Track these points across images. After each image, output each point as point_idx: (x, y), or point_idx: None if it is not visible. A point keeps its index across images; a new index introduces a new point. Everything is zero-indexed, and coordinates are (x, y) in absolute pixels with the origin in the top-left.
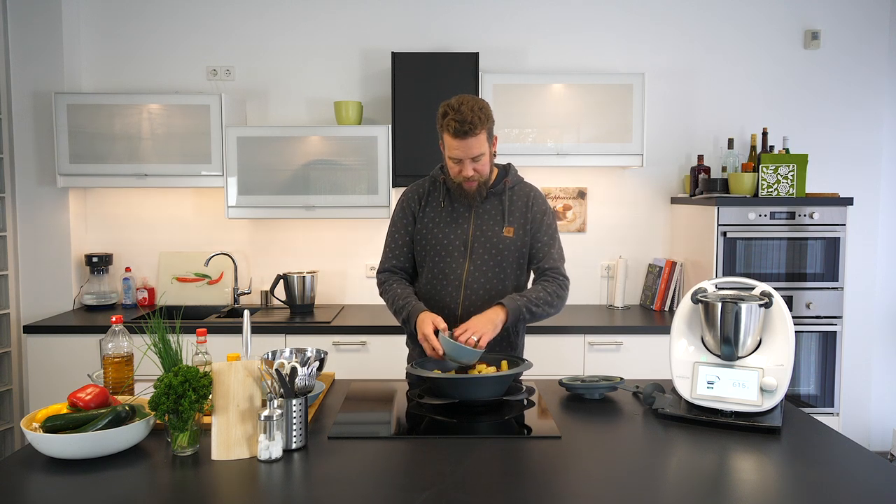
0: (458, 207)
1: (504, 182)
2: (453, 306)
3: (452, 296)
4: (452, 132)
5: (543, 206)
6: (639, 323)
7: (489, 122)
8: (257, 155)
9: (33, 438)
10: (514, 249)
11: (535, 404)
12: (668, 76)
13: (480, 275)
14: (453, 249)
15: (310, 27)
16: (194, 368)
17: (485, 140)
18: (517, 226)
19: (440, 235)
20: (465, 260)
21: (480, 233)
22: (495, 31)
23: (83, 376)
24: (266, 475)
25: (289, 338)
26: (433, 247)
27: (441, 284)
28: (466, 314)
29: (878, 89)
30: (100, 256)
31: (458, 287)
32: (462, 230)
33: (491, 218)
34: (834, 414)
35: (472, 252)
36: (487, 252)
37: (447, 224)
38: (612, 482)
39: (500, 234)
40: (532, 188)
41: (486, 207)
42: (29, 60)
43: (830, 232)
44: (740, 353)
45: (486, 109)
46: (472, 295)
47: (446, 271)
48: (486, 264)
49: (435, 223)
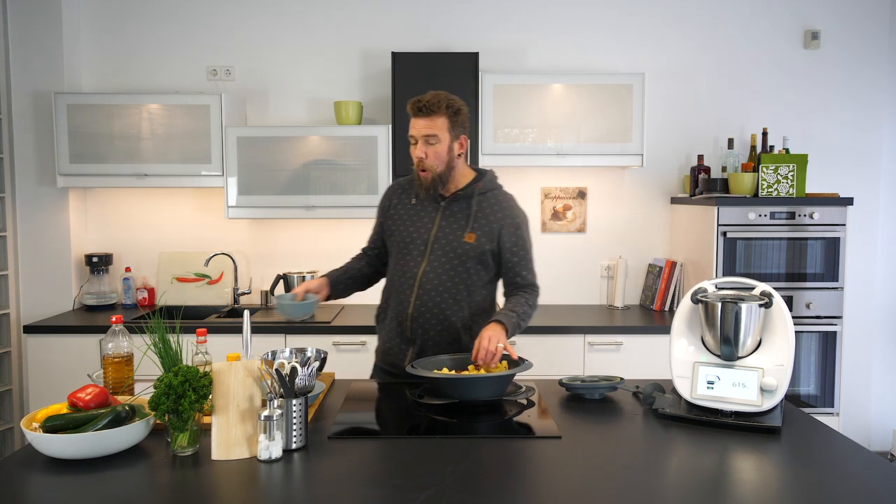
0: (426, 206)
1: (475, 187)
2: (406, 304)
3: (406, 293)
4: (412, 109)
5: (517, 219)
6: (639, 323)
7: (455, 114)
8: (257, 155)
9: (33, 438)
10: (474, 256)
11: (535, 404)
12: (668, 76)
13: (435, 276)
14: (413, 248)
15: (310, 27)
16: (194, 368)
17: (443, 127)
18: (481, 233)
19: (404, 233)
20: (424, 259)
21: (442, 234)
22: (495, 31)
23: (83, 376)
24: (266, 475)
25: (289, 338)
26: (396, 243)
27: (399, 281)
28: (417, 313)
29: (878, 89)
30: (100, 256)
31: (412, 285)
32: (426, 229)
33: (455, 221)
34: (834, 414)
35: (430, 252)
36: (446, 254)
37: (412, 221)
38: (612, 482)
39: (460, 239)
40: (507, 198)
41: (453, 210)
42: (29, 60)
43: (830, 232)
44: (740, 353)
45: (455, 103)
46: (423, 295)
47: (404, 269)
48: (442, 266)
49: (402, 219)
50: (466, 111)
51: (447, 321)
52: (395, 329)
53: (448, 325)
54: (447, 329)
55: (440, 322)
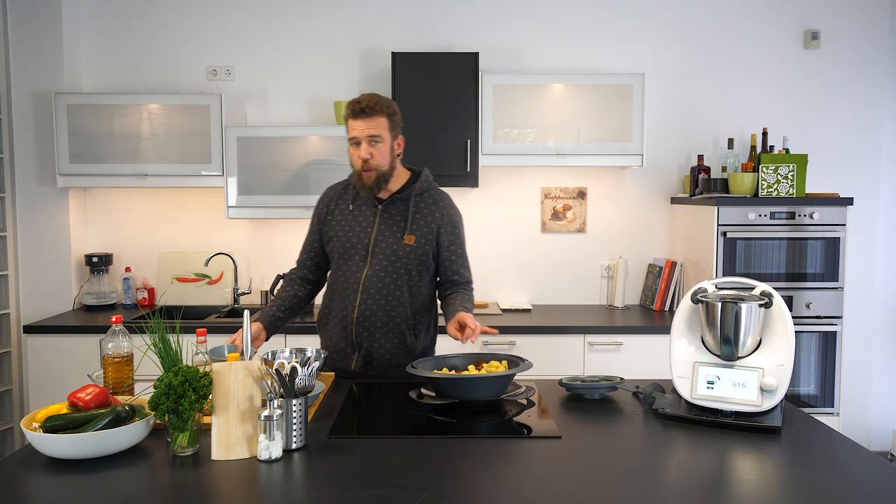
0: (364, 210)
1: (412, 188)
2: (350, 308)
3: (350, 299)
4: (351, 112)
5: (454, 218)
6: (639, 323)
7: (393, 115)
8: (257, 155)
9: (33, 438)
10: (415, 258)
11: (535, 404)
12: (668, 76)
13: (378, 280)
14: (354, 253)
15: (310, 27)
16: (194, 368)
17: (384, 126)
18: (419, 234)
19: (343, 238)
20: (366, 264)
21: (382, 238)
22: (495, 31)
23: (83, 376)
24: (266, 475)
25: (289, 338)
26: (336, 249)
27: (341, 287)
28: (361, 317)
29: (878, 89)
30: (100, 256)
31: (356, 290)
32: (365, 234)
33: (395, 224)
34: (834, 414)
35: (372, 256)
36: (387, 258)
37: (351, 227)
38: (612, 482)
39: (400, 241)
40: (443, 197)
41: (392, 212)
42: (29, 60)
43: (830, 232)
44: (740, 353)
45: (392, 105)
46: (368, 299)
47: (347, 274)
48: (384, 269)
49: (340, 225)
50: (400, 114)
51: (392, 323)
52: (339, 334)
53: (393, 326)
54: (392, 331)
55: (385, 325)
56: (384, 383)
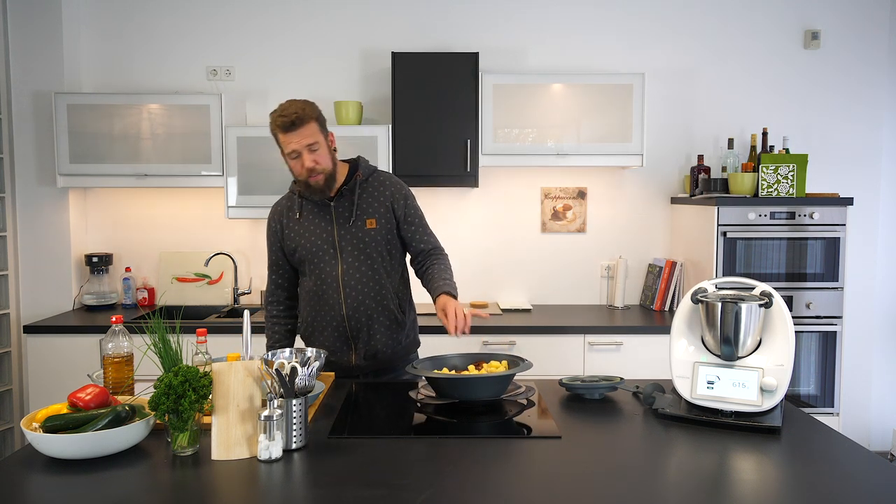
0: (317, 213)
1: (355, 177)
2: (338, 307)
3: (335, 298)
4: (281, 127)
5: (404, 191)
6: (639, 323)
7: (318, 115)
8: (257, 155)
9: (33, 438)
10: (381, 239)
11: (535, 404)
12: (668, 76)
13: (355, 271)
14: (324, 254)
15: (310, 27)
16: (194, 368)
17: (317, 130)
18: (378, 216)
19: (308, 244)
20: (338, 261)
21: (345, 231)
22: (495, 31)
23: (83, 376)
24: (266, 475)
25: None
26: (305, 257)
27: (322, 290)
28: (351, 311)
29: (878, 89)
30: (100, 256)
31: (338, 288)
32: (327, 233)
33: (351, 214)
34: (834, 414)
35: (341, 252)
36: (356, 248)
37: (311, 232)
38: (612, 482)
39: (363, 229)
40: (388, 176)
41: (345, 205)
42: (29, 60)
43: (830, 232)
44: (740, 353)
45: (312, 105)
46: (352, 292)
47: (324, 276)
48: (357, 260)
49: (300, 234)
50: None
51: (381, 307)
52: (331, 335)
53: (381, 309)
54: (383, 314)
55: (375, 311)
56: (384, 383)
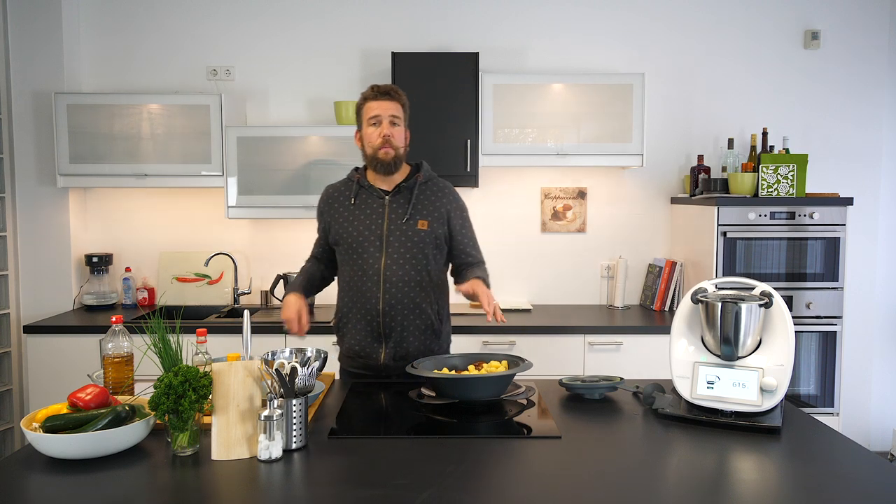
0: (370, 203)
1: (416, 177)
2: (374, 300)
3: (373, 290)
4: (373, 93)
5: (461, 203)
6: (639, 323)
7: (406, 105)
8: (257, 155)
9: (33, 438)
10: (430, 241)
11: (535, 404)
12: (668, 76)
13: (398, 267)
14: (369, 245)
15: (310, 27)
16: (194, 368)
17: (402, 111)
18: (431, 219)
19: (355, 233)
20: (382, 254)
21: (395, 226)
22: (495, 31)
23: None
24: (266, 475)
25: (289, 338)
26: (349, 244)
27: (361, 280)
28: (387, 307)
29: (878, 89)
30: (100, 256)
31: (378, 281)
32: (376, 225)
33: (405, 212)
34: (834, 414)
35: (387, 245)
36: (403, 245)
37: (360, 220)
38: (613, 482)
39: (414, 227)
40: (447, 184)
41: (400, 202)
42: (29, 60)
43: (830, 232)
44: (740, 353)
45: (405, 96)
46: (391, 288)
47: (364, 267)
48: (402, 257)
49: (349, 221)
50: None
51: (418, 309)
52: (364, 329)
53: (419, 312)
54: (419, 317)
55: (412, 311)
56: (384, 383)
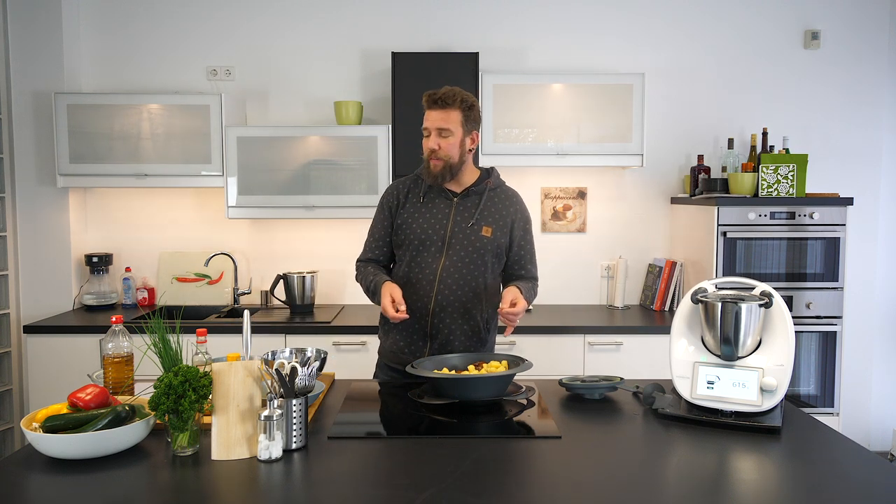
0: (438, 203)
1: (486, 183)
2: (426, 300)
3: (426, 289)
4: (426, 103)
5: (526, 214)
6: (639, 323)
7: (467, 109)
8: (257, 155)
9: (33, 438)
10: (491, 249)
11: (535, 404)
12: (668, 76)
13: (455, 270)
14: (430, 244)
15: (310, 27)
16: (194, 368)
17: (457, 120)
18: (496, 227)
19: (418, 230)
20: (442, 255)
21: (459, 229)
22: (495, 31)
23: (83, 376)
24: (266, 475)
25: (289, 338)
26: (411, 241)
27: (416, 278)
28: (438, 308)
29: (878, 89)
30: (100, 256)
31: (433, 281)
32: (441, 225)
33: (471, 216)
34: (834, 414)
35: (448, 247)
36: (464, 248)
37: (426, 219)
38: (612, 482)
39: (478, 233)
40: (515, 193)
41: (467, 205)
42: (29, 60)
43: (830, 232)
44: (740, 353)
45: (469, 99)
46: (444, 290)
47: (422, 265)
48: (461, 261)
49: (413, 218)
50: (479, 109)
51: (468, 314)
52: (411, 327)
53: (468, 317)
54: (467, 322)
55: (461, 316)
56: (384, 383)
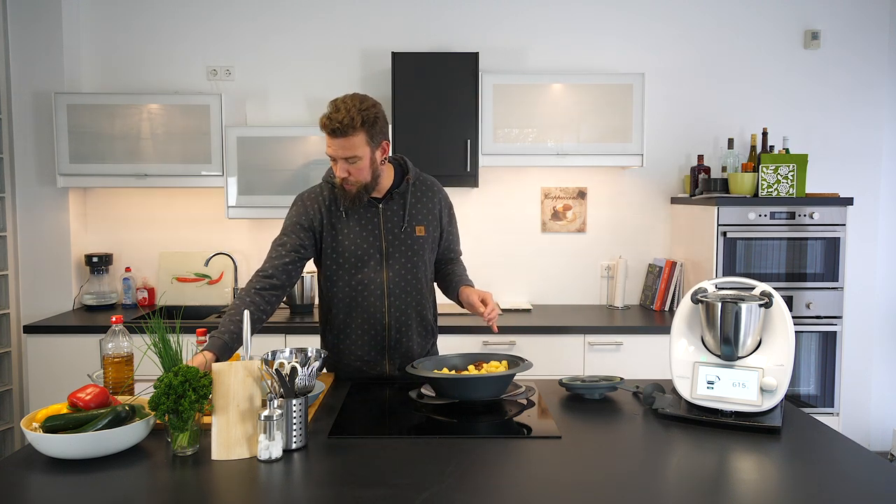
0: (364, 213)
1: (406, 179)
2: (379, 315)
3: (377, 306)
4: (323, 129)
5: (448, 199)
6: (639, 323)
7: (371, 128)
8: (257, 155)
9: (33, 438)
10: (428, 246)
11: (535, 404)
12: (668, 76)
13: (401, 279)
14: (369, 258)
15: (310, 27)
16: (194, 368)
17: (363, 143)
18: (427, 223)
19: (352, 247)
20: (383, 268)
21: (393, 237)
22: (495, 31)
23: (83, 376)
24: (266, 475)
25: (289, 338)
26: (346, 258)
27: (362, 295)
28: (393, 321)
29: (878, 89)
30: (100, 256)
31: (381, 297)
32: (374, 237)
33: (401, 220)
34: (834, 414)
35: (388, 258)
36: (404, 255)
37: (356, 233)
38: (612, 482)
39: (412, 235)
40: (433, 181)
41: (393, 208)
42: (29, 60)
43: (830, 232)
44: (740, 353)
45: (368, 112)
46: (396, 301)
47: (366, 282)
48: (404, 267)
49: (344, 234)
50: (383, 115)
51: (420, 316)
52: (367, 343)
53: (421, 319)
54: (421, 324)
55: (416, 321)
56: (384, 383)
